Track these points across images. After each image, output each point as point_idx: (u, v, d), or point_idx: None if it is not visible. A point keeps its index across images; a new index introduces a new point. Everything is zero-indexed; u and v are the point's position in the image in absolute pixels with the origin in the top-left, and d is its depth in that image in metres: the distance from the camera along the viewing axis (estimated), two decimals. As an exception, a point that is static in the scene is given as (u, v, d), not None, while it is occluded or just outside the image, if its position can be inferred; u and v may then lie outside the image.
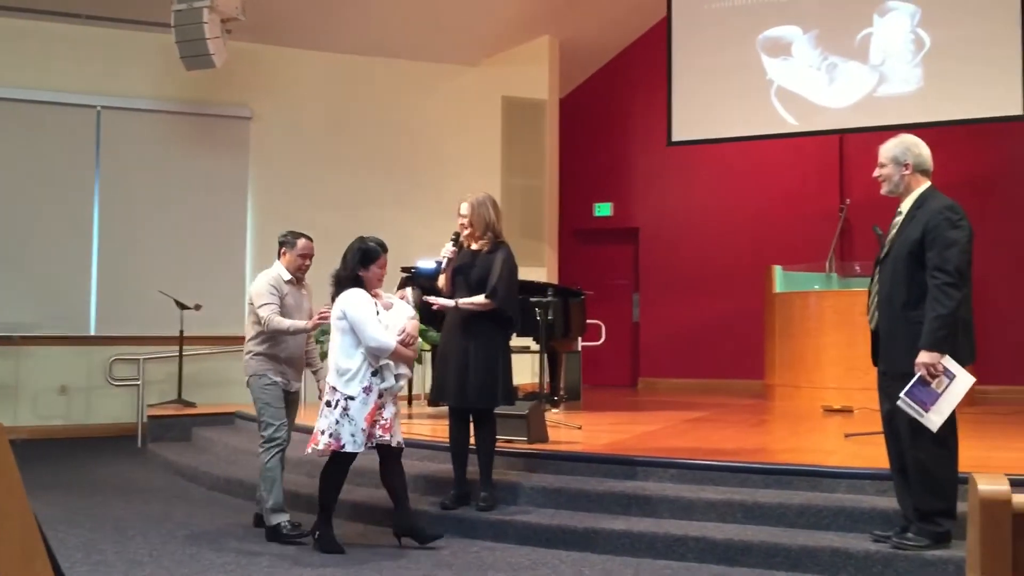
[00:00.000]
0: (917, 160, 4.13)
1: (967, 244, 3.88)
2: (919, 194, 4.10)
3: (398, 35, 10.11)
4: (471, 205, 5.20)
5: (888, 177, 4.18)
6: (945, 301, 3.80)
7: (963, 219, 3.91)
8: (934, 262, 3.85)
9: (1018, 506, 1.70)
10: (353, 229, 10.07)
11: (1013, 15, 8.84)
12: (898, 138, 4.23)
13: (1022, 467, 4.72)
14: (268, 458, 4.99)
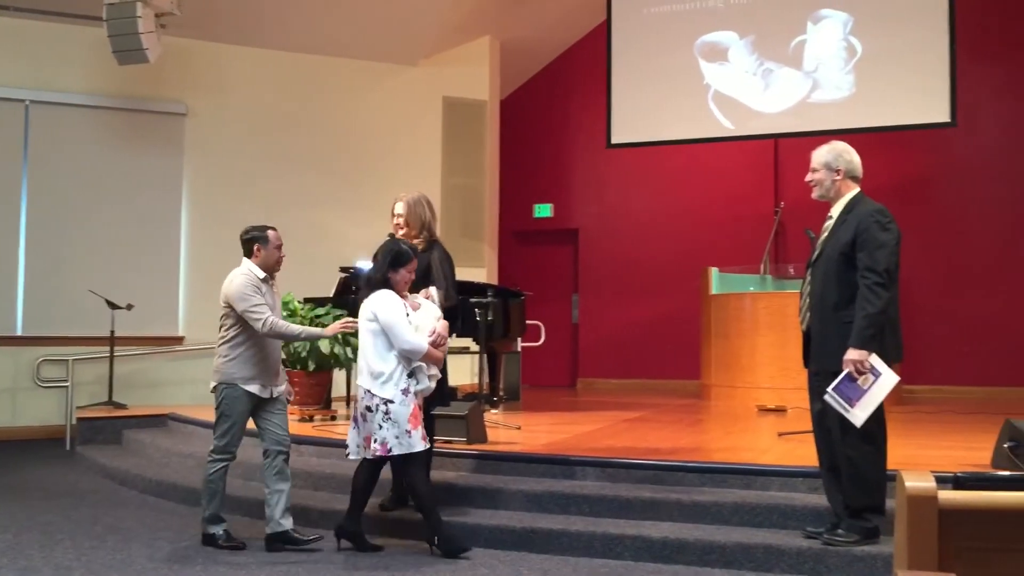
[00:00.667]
0: (848, 166, 4.24)
1: (896, 246, 4.00)
2: (849, 199, 4.21)
3: (337, 33, 10.02)
4: (407, 204, 5.17)
5: (820, 182, 4.29)
6: (874, 300, 3.91)
7: (892, 222, 4.03)
8: (864, 263, 3.96)
9: (943, 502, 1.75)
10: (290, 228, 9.95)
11: (941, 24, 9.11)
12: (830, 145, 4.34)
13: (948, 465, 4.86)
14: (213, 469, 4.77)
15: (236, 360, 4.74)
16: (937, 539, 1.74)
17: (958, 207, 10.34)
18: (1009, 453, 4.67)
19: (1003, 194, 10.19)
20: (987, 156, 10.31)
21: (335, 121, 10.29)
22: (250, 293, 4.71)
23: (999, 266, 10.13)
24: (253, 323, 4.66)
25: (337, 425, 7.13)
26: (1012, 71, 10.22)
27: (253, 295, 4.71)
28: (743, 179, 11.16)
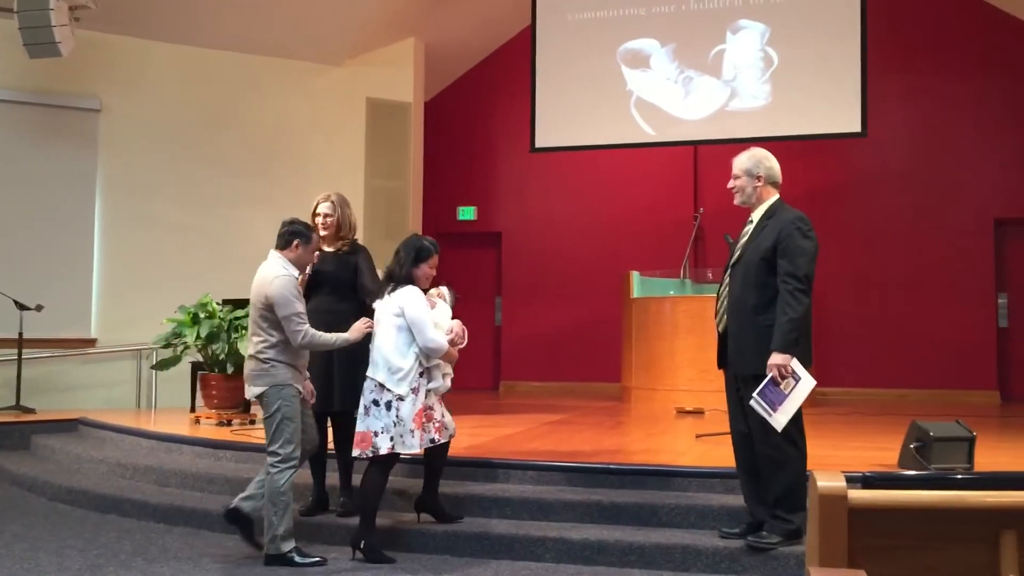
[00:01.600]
0: (768, 173, 4.34)
1: (815, 254, 4.12)
2: (769, 205, 4.30)
3: (259, 31, 9.85)
4: (335, 204, 5.13)
5: (742, 188, 4.37)
6: (796, 305, 4.00)
7: (812, 231, 4.15)
8: (786, 268, 4.06)
9: (853, 501, 1.81)
10: (209, 228, 9.85)
11: (853, 37, 9.39)
12: (750, 152, 4.43)
13: (857, 465, 5.01)
14: (283, 480, 4.39)
15: (285, 364, 4.49)
16: (847, 537, 1.80)
17: (869, 214, 10.68)
18: (915, 453, 4.84)
19: (910, 202, 10.55)
20: (895, 165, 10.67)
21: (256, 120, 10.12)
22: (293, 298, 4.47)
23: (907, 272, 10.49)
24: (292, 332, 4.43)
25: (256, 429, 7.02)
26: (919, 83, 10.60)
27: (296, 301, 4.47)
28: (664, 185, 11.33)
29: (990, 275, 10.38)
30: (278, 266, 4.58)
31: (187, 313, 7.33)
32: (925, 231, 10.50)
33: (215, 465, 6.01)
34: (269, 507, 4.41)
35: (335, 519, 4.92)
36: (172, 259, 9.42)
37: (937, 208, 10.48)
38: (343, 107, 10.53)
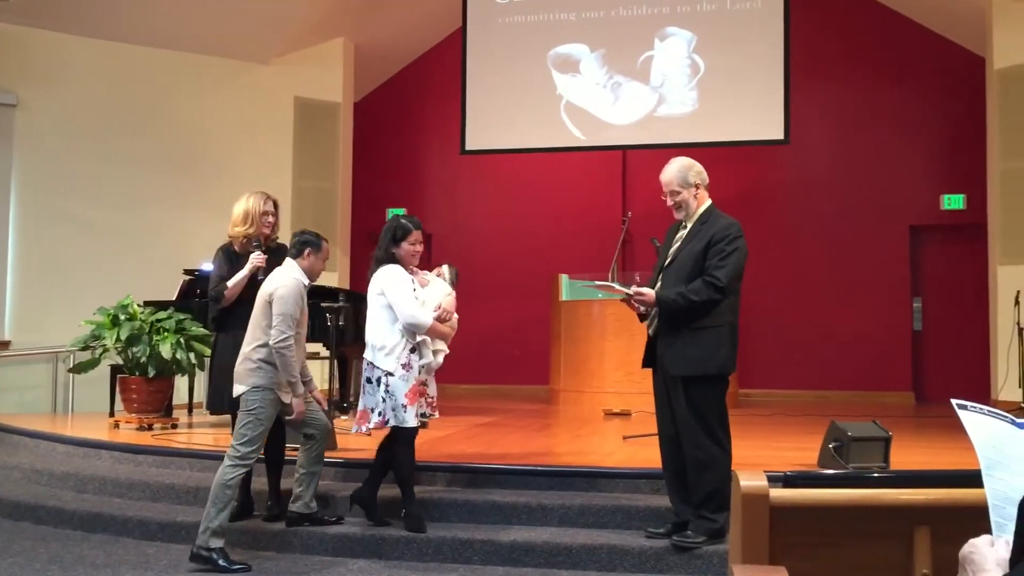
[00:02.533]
0: (701, 178, 4.42)
1: (742, 263, 4.21)
2: (704, 210, 4.38)
3: (184, 27, 9.65)
4: (277, 203, 5.07)
5: (684, 202, 4.39)
6: (703, 294, 4.11)
7: (743, 239, 4.24)
8: (712, 265, 4.16)
9: (774, 500, 1.85)
10: (131, 228, 9.60)
11: (777, 46, 9.61)
12: (678, 163, 4.46)
13: (779, 464, 5.12)
14: (231, 476, 4.36)
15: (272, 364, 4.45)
16: (769, 534, 1.83)
17: (791, 220, 10.92)
18: (833, 453, 4.96)
19: (830, 208, 10.83)
20: (817, 172, 10.93)
21: (181, 118, 9.91)
22: (293, 303, 4.45)
23: (826, 277, 10.75)
24: (279, 332, 4.37)
25: (178, 434, 6.88)
26: (840, 92, 10.89)
27: (294, 307, 4.45)
28: (593, 189, 11.43)
29: (906, 280, 10.71)
30: (294, 271, 4.60)
31: (107, 315, 7.13)
32: (844, 236, 10.78)
33: (135, 471, 5.86)
34: (211, 499, 4.36)
35: (260, 523, 4.84)
36: (91, 259, 9.16)
37: (856, 214, 10.77)
38: (271, 106, 10.39)
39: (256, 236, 4.96)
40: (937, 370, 10.63)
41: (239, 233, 4.97)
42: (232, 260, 4.95)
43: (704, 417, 4.18)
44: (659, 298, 4.21)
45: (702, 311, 4.14)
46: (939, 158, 10.68)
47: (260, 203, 4.97)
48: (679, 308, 4.15)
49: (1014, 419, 1.38)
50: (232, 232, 5.00)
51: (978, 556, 1.30)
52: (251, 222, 4.95)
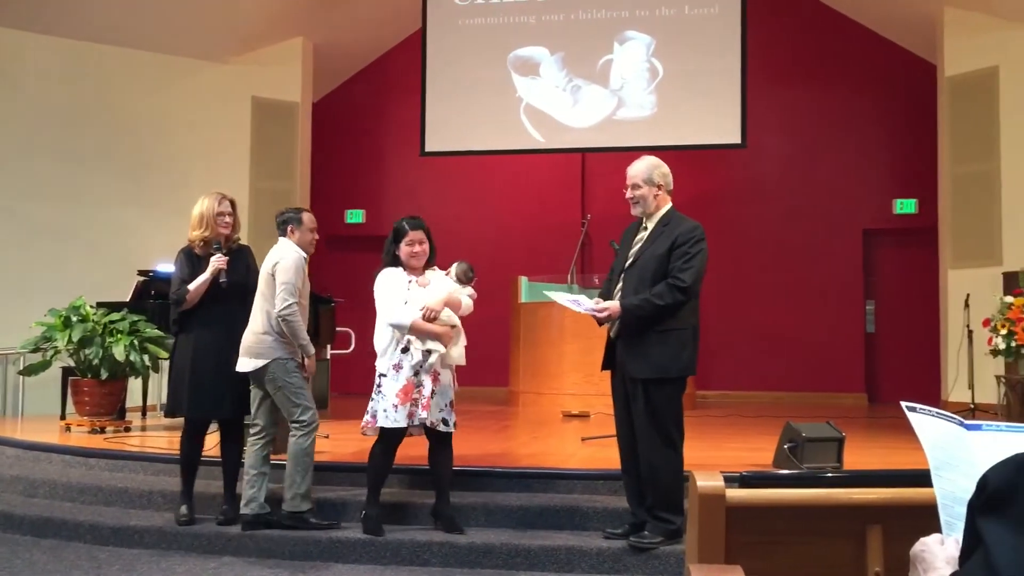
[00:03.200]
0: (665, 180, 4.39)
1: (704, 263, 4.22)
2: (665, 212, 4.36)
3: (139, 24, 9.50)
4: (234, 202, 5.02)
5: (643, 198, 4.36)
6: (667, 297, 4.10)
7: (705, 242, 4.25)
8: (676, 267, 4.15)
9: (731, 500, 1.86)
10: (82, 228, 9.44)
11: (734, 52, 9.71)
12: (646, 160, 4.43)
13: (735, 465, 5.17)
14: (307, 444, 4.69)
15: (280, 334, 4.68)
16: (725, 534, 1.85)
17: (747, 222, 11.03)
18: (788, 453, 5.03)
19: (786, 213, 10.96)
20: (773, 176, 11.07)
21: (134, 117, 9.75)
22: (295, 273, 4.72)
23: (782, 280, 10.88)
24: (282, 300, 4.64)
25: (131, 436, 6.78)
26: (796, 97, 11.03)
27: (296, 278, 4.72)
28: (552, 191, 11.46)
29: (859, 283, 10.88)
30: (287, 246, 4.84)
31: (58, 316, 7.01)
32: (799, 240, 10.93)
33: (87, 474, 5.77)
34: (292, 466, 4.65)
35: (215, 528, 4.78)
36: (42, 260, 8.99)
37: (810, 218, 10.92)
38: (227, 105, 10.27)
39: (215, 238, 4.90)
40: (889, 372, 10.81)
41: (196, 236, 4.90)
42: (193, 262, 4.89)
43: (662, 420, 4.17)
44: (624, 308, 4.18)
45: (667, 314, 4.13)
46: (892, 163, 10.87)
47: (215, 204, 4.91)
48: (645, 315, 4.13)
49: (962, 420, 1.41)
50: (190, 236, 4.94)
51: (928, 554, 1.32)
52: (206, 224, 4.89)
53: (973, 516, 1.11)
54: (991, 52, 9.15)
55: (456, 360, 4.75)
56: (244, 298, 4.86)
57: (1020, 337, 7.10)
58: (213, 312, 4.78)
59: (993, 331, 7.34)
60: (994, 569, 1.04)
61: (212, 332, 4.82)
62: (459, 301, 4.74)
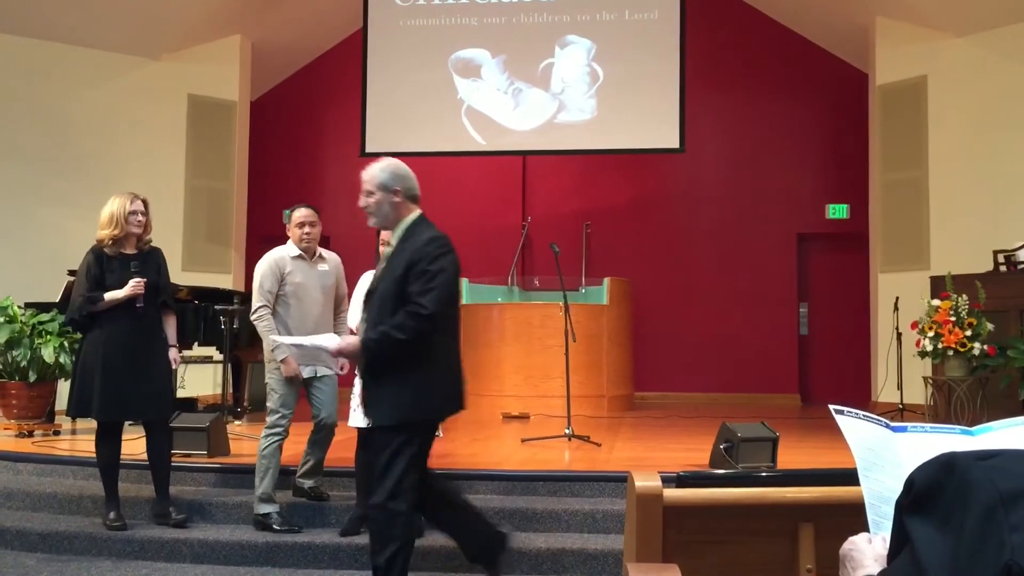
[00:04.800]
0: (404, 185, 3.74)
1: (448, 282, 3.56)
2: (408, 224, 3.71)
3: (69, 18, 9.26)
4: (146, 202, 4.91)
5: (377, 207, 3.73)
6: (408, 330, 3.42)
7: (450, 254, 3.61)
8: (414, 291, 3.46)
9: (668, 500, 1.89)
10: (9, 228, 9.18)
11: (673, 57, 9.83)
12: (383, 162, 3.80)
13: (672, 465, 5.23)
14: (264, 446, 4.74)
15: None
16: (662, 533, 1.88)
17: (684, 227, 11.18)
18: (724, 453, 5.11)
19: (722, 217, 11.13)
20: (710, 181, 11.23)
21: (63, 113, 9.51)
22: (264, 275, 4.81)
23: (718, 283, 11.04)
24: (252, 306, 4.81)
25: (60, 440, 6.61)
26: (733, 104, 11.21)
27: (267, 281, 4.80)
28: (493, 193, 11.47)
29: (793, 286, 11.10)
30: (276, 249, 4.92)
31: (-16, 316, 6.81)
32: (735, 243, 11.10)
33: (14, 479, 5.61)
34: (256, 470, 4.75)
35: (148, 532, 4.69)
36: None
37: (746, 222, 11.11)
38: (163, 103, 10.08)
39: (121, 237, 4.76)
40: (822, 373, 11.04)
41: (106, 235, 4.75)
42: (102, 264, 4.73)
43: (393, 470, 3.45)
44: (364, 344, 3.52)
45: (410, 348, 3.45)
46: (824, 169, 11.11)
47: (127, 203, 4.78)
48: (385, 351, 3.46)
49: (888, 423, 1.44)
50: (99, 235, 4.77)
51: (857, 552, 1.36)
52: (116, 224, 4.74)
53: (901, 515, 1.14)
54: (920, 62, 9.41)
55: None
56: (155, 298, 4.80)
57: (946, 340, 7.31)
58: (124, 310, 4.67)
59: (921, 333, 7.54)
60: (920, 566, 1.07)
61: (123, 331, 4.68)
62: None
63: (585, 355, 8.61)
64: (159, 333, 4.85)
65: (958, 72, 9.17)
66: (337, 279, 5.13)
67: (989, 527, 1.02)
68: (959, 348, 7.28)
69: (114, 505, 4.78)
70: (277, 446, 4.78)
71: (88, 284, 4.70)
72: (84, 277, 4.74)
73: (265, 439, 4.77)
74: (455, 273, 3.60)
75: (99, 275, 4.70)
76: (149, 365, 4.73)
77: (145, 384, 4.70)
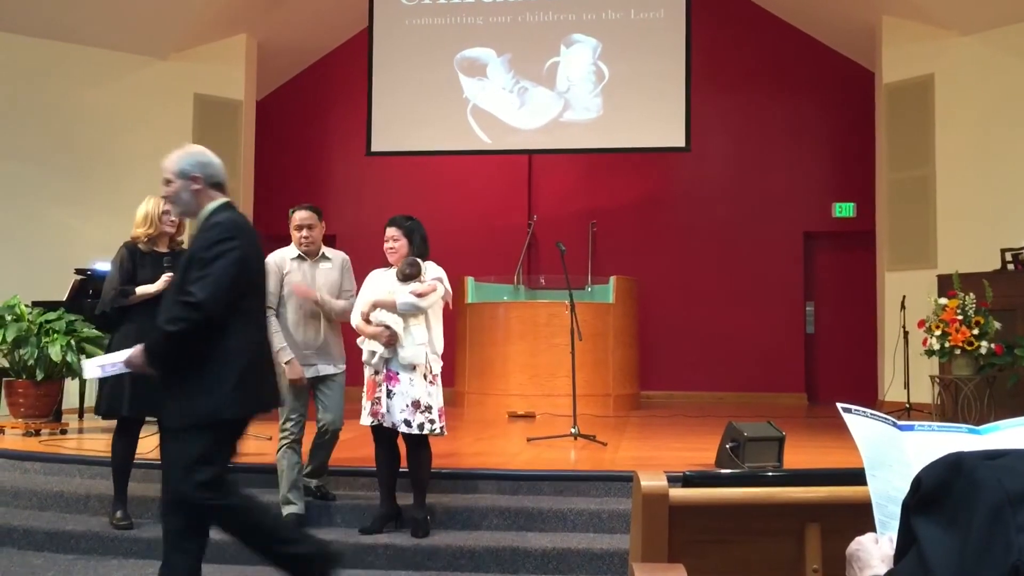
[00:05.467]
0: (207, 172, 3.51)
1: (231, 269, 3.29)
2: (207, 212, 3.47)
3: (76, 18, 9.27)
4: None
5: (176, 196, 3.51)
6: (178, 319, 3.24)
7: (233, 240, 3.34)
8: (190, 279, 3.28)
9: (674, 499, 1.88)
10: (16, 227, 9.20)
11: (679, 56, 9.82)
12: (184, 149, 3.57)
13: (678, 464, 5.22)
14: (277, 451, 4.79)
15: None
16: (668, 533, 1.87)
17: (690, 226, 11.16)
18: (730, 453, 5.10)
19: (728, 216, 11.11)
20: (716, 180, 11.21)
21: (70, 113, 9.52)
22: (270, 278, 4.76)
23: (724, 282, 11.03)
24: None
25: (67, 439, 6.62)
26: (740, 103, 11.19)
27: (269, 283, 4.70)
28: (499, 192, 11.47)
29: (799, 285, 11.08)
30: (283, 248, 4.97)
31: (-9, 315, 6.83)
32: (741, 242, 11.08)
33: (21, 478, 5.62)
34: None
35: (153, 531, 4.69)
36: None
37: (752, 220, 11.09)
38: (169, 103, 10.08)
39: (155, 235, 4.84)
40: (828, 372, 11.02)
41: (141, 233, 4.87)
42: (135, 259, 4.82)
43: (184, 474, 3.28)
44: (145, 348, 3.35)
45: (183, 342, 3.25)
46: (831, 168, 11.09)
47: (160, 203, 4.86)
48: (164, 350, 3.29)
49: (895, 421, 1.44)
50: (134, 233, 4.89)
51: (863, 553, 1.35)
52: (150, 223, 4.86)
53: (907, 515, 1.13)
54: (927, 60, 9.38)
55: (409, 360, 4.62)
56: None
57: (953, 338, 7.28)
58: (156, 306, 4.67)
59: (928, 332, 7.52)
60: (927, 567, 1.06)
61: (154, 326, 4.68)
62: (391, 302, 4.64)
63: (591, 354, 8.60)
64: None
65: (965, 71, 9.13)
66: (342, 276, 5.10)
67: (996, 528, 1.01)
68: (966, 347, 7.25)
69: (121, 504, 4.79)
70: (285, 451, 4.78)
71: (120, 278, 4.77)
72: (116, 271, 4.81)
73: (279, 444, 4.82)
74: (240, 260, 3.30)
75: (131, 270, 4.78)
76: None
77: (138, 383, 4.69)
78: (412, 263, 4.75)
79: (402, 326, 4.60)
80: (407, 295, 4.62)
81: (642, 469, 1.95)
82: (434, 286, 4.69)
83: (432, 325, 4.70)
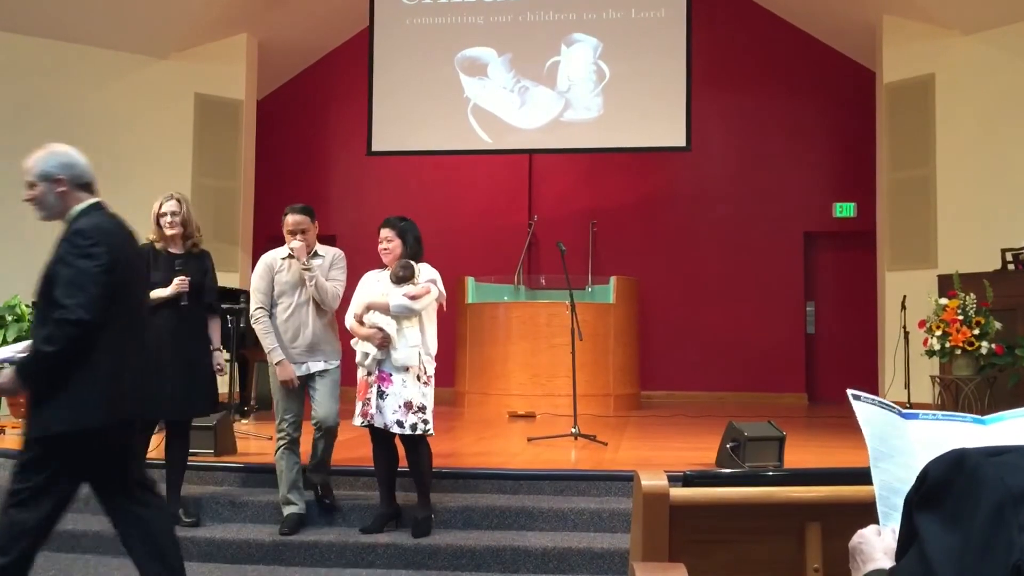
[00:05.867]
0: (72, 173, 3.31)
1: (101, 276, 3.09)
2: (73, 215, 3.29)
3: (77, 17, 9.28)
4: (181, 202, 4.93)
5: (40, 199, 3.34)
6: (57, 339, 3.03)
7: (96, 246, 3.13)
8: (60, 294, 3.06)
9: (675, 499, 1.88)
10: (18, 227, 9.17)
11: (679, 56, 9.81)
12: (47, 150, 3.35)
13: (679, 464, 5.22)
14: (275, 452, 4.80)
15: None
16: (668, 532, 1.87)
17: (691, 226, 11.16)
18: (731, 452, 5.10)
19: (729, 215, 11.11)
20: (717, 179, 11.20)
21: (72, 113, 9.51)
22: (260, 278, 4.85)
23: (725, 282, 11.02)
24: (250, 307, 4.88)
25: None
26: (740, 102, 11.19)
27: (259, 283, 4.85)
28: (499, 192, 11.47)
29: (800, 285, 11.07)
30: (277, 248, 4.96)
31: (-8, 315, 6.83)
32: (742, 242, 11.08)
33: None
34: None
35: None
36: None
37: (753, 220, 11.08)
38: (170, 102, 10.09)
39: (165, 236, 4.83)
40: (829, 372, 11.01)
41: (149, 236, 4.85)
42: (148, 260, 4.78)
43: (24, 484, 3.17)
44: (18, 370, 3.14)
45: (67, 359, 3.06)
46: (831, 168, 11.08)
47: (156, 206, 4.87)
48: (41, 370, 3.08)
49: (900, 410, 1.44)
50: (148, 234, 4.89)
51: (866, 546, 1.35)
52: (153, 225, 4.87)
53: (910, 510, 1.13)
54: (928, 60, 9.37)
55: (402, 362, 4.60)
56: (199, 297, 4.85)
57: (954, 339, 7.28)
58: (170, 308, 4.71)
59: (928, 332, 7.51)
60: (928, 563, 1.06)
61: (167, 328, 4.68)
62: (385, 304, 4.63)
63: (591, 354, 8.60)
64: (203, 334, 4.88)
65: (966, 70, 9.13)
66: (332, 270, 5.03)
67: (998, 526, 1.01)
68: (967, 347, 7.25)
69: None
70: (283, 452, 4.78)
71: None
72: None
73: (276, 445, 4.84)
74: (109, 266, 3.10)
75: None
76: (194, 364, 4.76)
77: (187, 383, 4.71)
78: (406, 265, 4.74)
79: (395, 328, 4.58)
80: (400, 297, 4.60)
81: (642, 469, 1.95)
82: (428, 288, 4.66)
83: (426, 327, 4.69)
